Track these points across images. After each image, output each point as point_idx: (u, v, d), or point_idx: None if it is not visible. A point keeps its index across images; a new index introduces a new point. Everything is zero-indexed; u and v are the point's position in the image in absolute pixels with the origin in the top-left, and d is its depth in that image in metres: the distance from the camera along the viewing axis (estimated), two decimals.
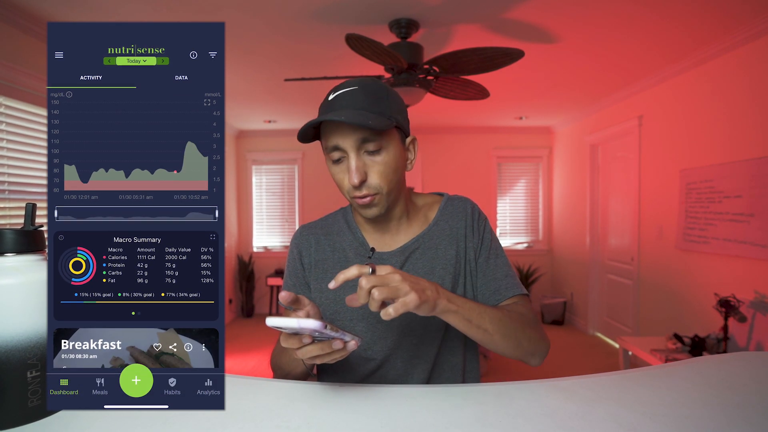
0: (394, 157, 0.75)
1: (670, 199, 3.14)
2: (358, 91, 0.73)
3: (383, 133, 0.73)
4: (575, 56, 2.84)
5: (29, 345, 0.52)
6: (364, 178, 0.73)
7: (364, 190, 0.74)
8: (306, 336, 0.56)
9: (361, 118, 0.68)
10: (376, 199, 0.75)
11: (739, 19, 2.33)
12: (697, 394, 0.65)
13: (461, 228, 0.84)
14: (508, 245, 5.35)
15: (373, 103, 0.73)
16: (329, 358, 0.59)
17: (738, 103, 2.54)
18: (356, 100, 0.72)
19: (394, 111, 0.76)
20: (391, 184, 0.76)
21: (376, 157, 0.74)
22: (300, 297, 0.62)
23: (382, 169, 0.74)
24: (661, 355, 2.45)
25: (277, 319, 0.52)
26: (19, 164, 2.24)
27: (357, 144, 0.72)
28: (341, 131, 0.72)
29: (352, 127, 0.71)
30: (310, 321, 0.51)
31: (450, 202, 0.88)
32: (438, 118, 4.66)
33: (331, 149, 0.74)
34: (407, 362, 0.81)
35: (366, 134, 0.71)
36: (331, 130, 0.73)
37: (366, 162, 0.74)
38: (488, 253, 0.84)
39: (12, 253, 0.53)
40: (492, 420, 0.57)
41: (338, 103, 0.73)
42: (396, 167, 0.76)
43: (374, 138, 0.72)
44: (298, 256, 0.88)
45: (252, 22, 2.32)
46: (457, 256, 0.83)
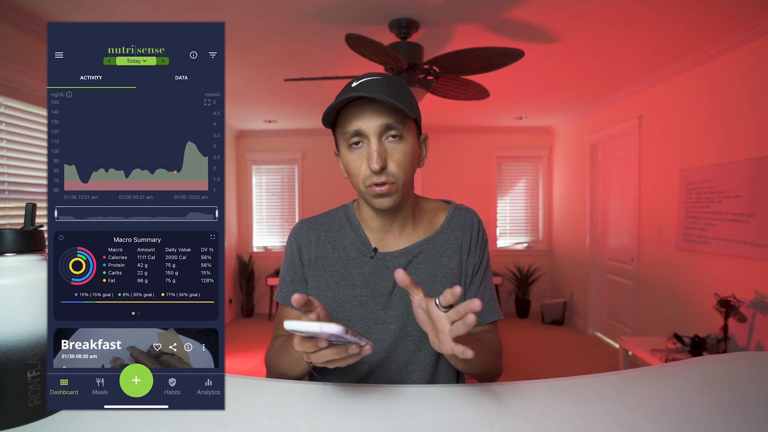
0: (412, 148, 0.76)
1: (670, 199, 3.14)
2: (382, 80, 0.74)
3: (404, 123, 0.74)
4: (575, 56, 2.84)
5: (29, 345, 0.52)
6: (384, 164, 0.73)
7: (383, 177, 0.73)
8: (323, 340, 0.54)
9: (390, 99, 0.69)
10: (392, 189, 0.75)
11: (740, 19, 2.33)
12: (697, 394, 0.65)
13: (465, 240, 0.85)
14: (508, 245, 5.35)
15: (396, 93, 0.73)
16: (343, 363, 0.58)
17: (738, 103, 2.54)
18: (381, 87, 0.72)
19: (414, 105, 0.76)
20: (407, 176, 0.76)
21: (397, 146, 0.74)
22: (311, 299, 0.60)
23: (402, 159, 0.74)
24: (661, 355, 2.45)
25: (298, 323, 0.49)
26: (19, 164, 2.24)
27: (380, 129, 0.72)
28: (365, 115, 0.72)
29: (376, 112, 0.71)
30: (332, 326, 0.49)
31: (458, 211, 0.87)
32: (438, 118, 4.66)
33: (352, 134, 0.74)
34: (402, 368, 0.80)
35: (390, 121, 0.72)
36: (353, 114, 0.73)
37: (387, 149, 0.74)
38: (483, 273, 0.86)
39: (12, 253, 0.53)
40: (492, 420, 0.57)
41: (362, 89, 0.72)
42: (413, 159, 0.77)
43: (397, 125, 0.72)
44: (297, 251, 0.86)
45: (252, 22, 2.32)
46: (459, 266, 0.83)
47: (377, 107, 0.72)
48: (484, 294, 0.84)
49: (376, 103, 0.72)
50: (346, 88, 0.75)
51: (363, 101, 0.73)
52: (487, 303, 0.84)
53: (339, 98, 0.71)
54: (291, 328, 0.50)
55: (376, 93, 0.70)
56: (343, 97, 0.71)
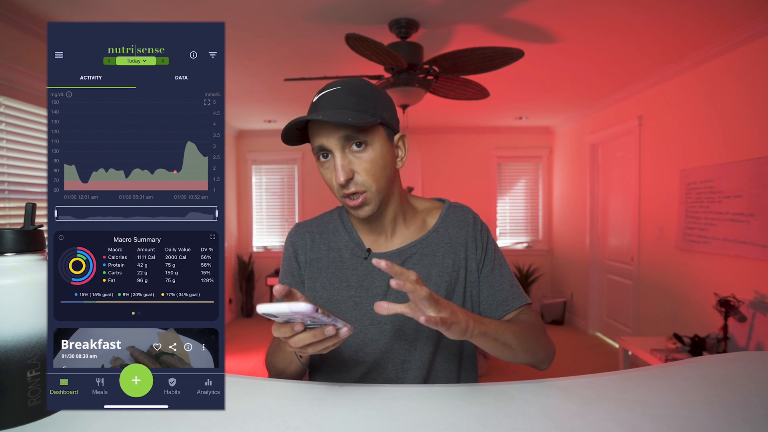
0: (381, 154, 0.75)
1: (670, 199, 3.14)
2: (341, 90, 0.74)
3: (368, 131, 0.73)
4: (575, 56, 2.84)
5: (29, 345, 0.52)
6: (350, 175, 0.73)
7: (352, 188, 0.74)
8: (298, 324, 0.55)
9: (340, 116, 0.69)
10: (367, 198, 0.75)
11: (734, 23, 2.34)
12: (697, 394, 0.65)
13: (461, 238, 0.84)
14: (508, 245, 5.35)
15: (355, 102, 0.73)
16: (322, 346, 0.58)
17: (737, 104, 2.54)
18: (338, 99, 0.73)
19: (380, 108, 0.75)
20: (379, 182, 0.75)
21: (362, 155, 0.74)
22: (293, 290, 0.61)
23: (369, 167, 0.74)
24: (661, 355, 2.45)
25: (268, 305, 0.50)
26: (19, 164, 2.24)
27: (341, 142, 0.72)
28: (325, 131, 0.72)
29: (335, 125, 0.71)
30: (300, 304, 0.50)
31: (451, 210, 0.87)
32: (438, 118, 4.66)
33: (318, 150, 0.75)
34: (399, 367, 0.80)
35: (349, 132, 0.72)
36: (316, 131, 0.74)
37: (352, 160, 0.74)
38: (492, 264, 0.85)
39: (12, 253, 0.53)
40: (492, 420, 0.57)
41: (321, 104, 0.74)
42: (384, 164, 0.76)
43: (358, 135, 0.72)
44: (294, 253, 0.87)
45: (252, 22, 2.32)
46: (454, 265, 0.83)
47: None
48: (503, 282, 0.84)
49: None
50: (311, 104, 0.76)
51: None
52: (508, 290, 0.83)
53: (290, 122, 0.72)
54: (263, 312, 0.51)
55: (332, 108, 0.71)
56: (292, 122, 0.71)
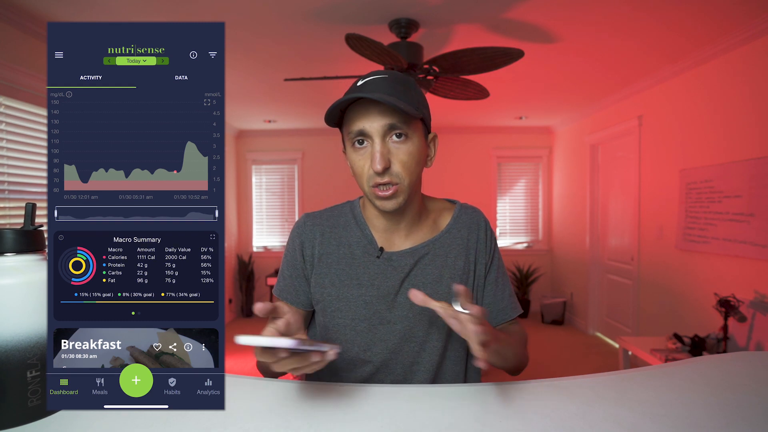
0: (418, 149, 0.75)
1: (670, 199, 3.14)
2: (388, 78, 0.73)
3: (410, 123, 0.73)
4: (575, 56, 2.84)
5: (29, 345, 0.52)
6: (387, 165, 0.72)
7: (386, 177, 0.72)
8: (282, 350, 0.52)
9: (393, 99, 0.68)
10: (398, 190, 0.73)
11: (735, 22, 2.33)
12: (697, 394, 0.65)
13: (473, 240, 0.84)
14: (508, 245, 5.35)
15: (402, 92, 0.72)
16: (308, 369, 0.56)
17: (738, 104, 2.54)
18: (386, 86, 0.71)
19: (421, 104, 0.75)
20: (412, 176, 0.74)
21: (401, 146, 0.73)
22: (278, 306, 0.59)
23: (406, 159, 0.73)
24: (661, 355, 2.45)
25: (248, 337, 0.47)
26: (19, 164, 2.24)
27: (384, 130, 0.71)
28: (369, 115, 0.71)
29: (380, 112, 0.70)
30: (283, 340, 0.48)
31: (464, 211, 0.87)
32: (438, 118, 4.66)
33: (356, 134, 0.73)
34: (407, 368, 0.79)
35: (394, 120, 0.71)
36: (357, 114, 0.72)
37: (391, 149, 0.73)
38: (497, 271, 0.86)
39: (12, 253, 0.53)
40: (492, 420, 0.57)
41: (367, 88, 0.71)
42: (419, 160, 0.75)
43: (401, 126, 0.71)
44: (300, 247, 0.84)
45: (252, 22, 2.32)
46: (465, 267, 0.82)
47: (381, 107, 0.71)
48: (504, 292, 0.85)
49: (380, 103, 0.71)
50: (352, 87, 0.74)
51: (367, 100, 0.72)
52: (508, 299, 0.86)
53: (342, 98, 0.71)
54: (244, 343, 0.47)
55: (380, 93, 0.69)
56: (345, 97, 0.70)
